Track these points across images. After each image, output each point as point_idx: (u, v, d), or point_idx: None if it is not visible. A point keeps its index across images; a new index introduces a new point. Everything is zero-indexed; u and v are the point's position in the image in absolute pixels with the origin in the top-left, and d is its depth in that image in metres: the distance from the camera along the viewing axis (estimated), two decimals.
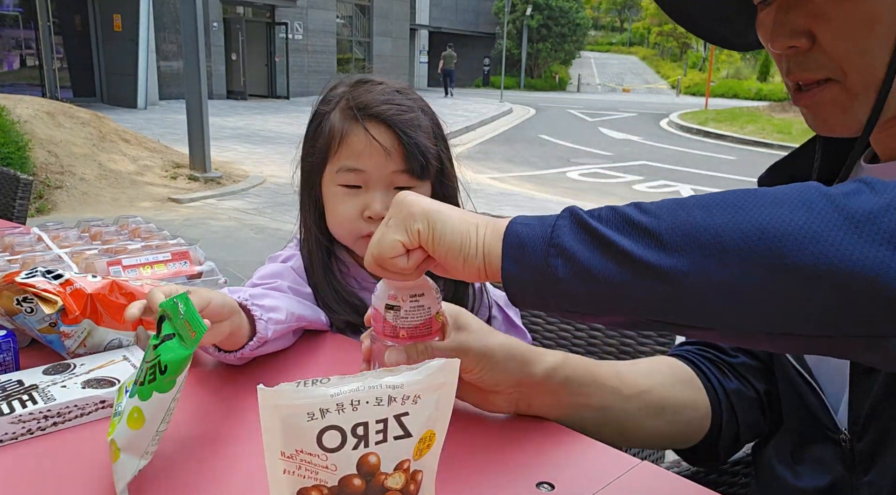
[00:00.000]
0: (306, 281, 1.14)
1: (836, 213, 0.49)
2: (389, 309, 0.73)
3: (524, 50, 32.96)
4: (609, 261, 0.54)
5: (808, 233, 0.49)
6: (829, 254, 0.48)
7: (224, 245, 5.34)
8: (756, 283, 0.50)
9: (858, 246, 0.47)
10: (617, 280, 0.54)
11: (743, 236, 0.50)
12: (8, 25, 14.16)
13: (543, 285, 0.58)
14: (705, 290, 0.51)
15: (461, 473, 0.74)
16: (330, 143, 1.08)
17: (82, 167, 6.97)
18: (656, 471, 0.76)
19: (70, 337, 0.96)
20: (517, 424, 0.86)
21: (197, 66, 7.39)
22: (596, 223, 0.56)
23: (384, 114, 1.04)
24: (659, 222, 0.54)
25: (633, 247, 0.53)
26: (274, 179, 8.08)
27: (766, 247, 0.49)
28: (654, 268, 0.52)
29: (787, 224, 0.50)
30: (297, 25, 19.86)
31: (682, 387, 0.89)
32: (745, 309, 0.51)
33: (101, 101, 15.08)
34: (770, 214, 0.50)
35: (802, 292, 0.49)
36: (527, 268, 0.59)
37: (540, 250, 0.58)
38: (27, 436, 0.80)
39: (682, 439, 0.91)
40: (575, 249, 0.56)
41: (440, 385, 0.57)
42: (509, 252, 0.60)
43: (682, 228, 0.53)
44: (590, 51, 49.27)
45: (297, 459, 0.53)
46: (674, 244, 0.52)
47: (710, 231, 0.52)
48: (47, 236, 1.45)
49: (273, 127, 12.81)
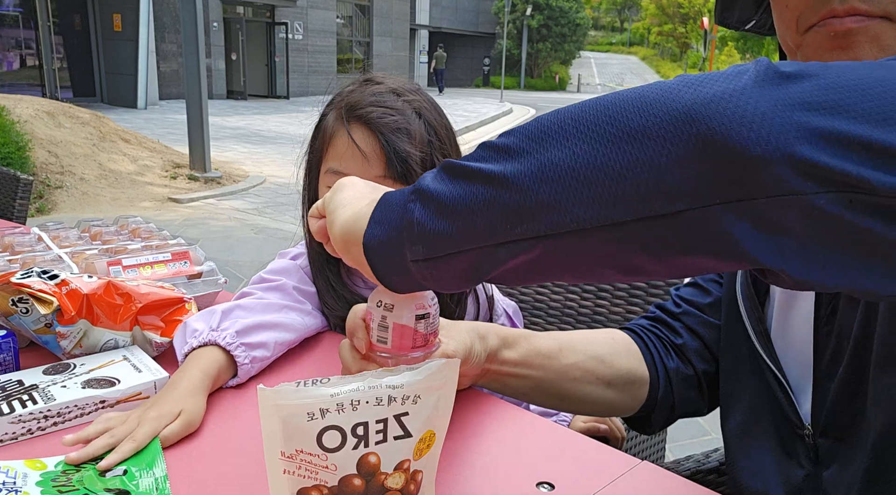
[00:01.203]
0: (312, 279, 1.14)
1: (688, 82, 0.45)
2: (420, 319, 0.73)
3: (524, 50, 32.97)
4: (463, 185, 0.52)
5: (658, 97, 0.44)
6: (679, 103, 0.43)
7: (224, 245, 5.34)
8: (603, 158, 0.45)
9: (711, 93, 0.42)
10: (469, 201, 0.51)
11: (592, 118, 0.47)
12: (8, 25, 14.16)
13: (402, 235, 0.55)
14: (553, 179, 0.47)
15: (461, 473, 0.74)
16: (323, 143, 1.08)
17: (82, 167, 6.97)
18: (656, 471, 0.76)
19: (66, 337, 0.96)
20: (517, 424, 0.86)
21: (197, 66, 7.39)
22: (459, 161, 0.54)
23: (367, 116, 1.03)
24: (512, 138, 0.51)
25: (485, 166, 0.51)
26: (274, 179, 8.08)
27: (610, 119, 0.46)
28: (501, 178, 0.49)
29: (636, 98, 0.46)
30: (297, 25, 19.86)
31: (623, 357, 0.94)
32: (593, 191, 0.46)
33: (101, 100, 15.09)
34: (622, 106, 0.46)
35: (656, 157, 0.43)
36: (386, 226, 0.56)
37: (401, 202, 0.56)
38: (27, 436, 0.80)
39: (618, 408, 0.96)
40: (433, 187, 0.54)
41: (440, 385, 0.57)
42: (374, 218, 0.58)
43: (532, 133, 0.50)
44: (590, 51, 49.31)
45: (297, 459, 0.53)
46: (521, 149, 0.50)
47: (555, 125, 0.49)
48: (47, 236, 1.45)
49: (273, 127, 12.81)
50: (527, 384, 0.90)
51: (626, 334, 0.99)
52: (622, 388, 0.94)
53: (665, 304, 1.02)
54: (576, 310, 1.46)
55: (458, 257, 0.53)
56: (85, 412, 0.83)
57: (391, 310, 0.72)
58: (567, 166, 0.47)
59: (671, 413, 0.97)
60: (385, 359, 0.74)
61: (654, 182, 0.44)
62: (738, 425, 0.88)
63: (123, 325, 1.00)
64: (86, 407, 0.83)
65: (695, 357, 0.96)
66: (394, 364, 0.73)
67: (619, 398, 0.94)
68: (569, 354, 0.92)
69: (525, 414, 0.89)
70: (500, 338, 0.88)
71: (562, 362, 0.91)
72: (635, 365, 0.95)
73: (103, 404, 0.85)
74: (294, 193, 1.19)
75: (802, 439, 0.78)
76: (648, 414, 0.96)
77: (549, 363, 0.90)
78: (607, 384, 0.93)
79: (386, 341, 0.73)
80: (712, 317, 0.95)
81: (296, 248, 1.19)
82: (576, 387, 0.91)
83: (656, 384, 0.95)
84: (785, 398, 0.79)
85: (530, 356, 0.90)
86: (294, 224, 1.20)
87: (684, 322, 0.97)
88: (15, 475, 0.68)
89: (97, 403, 0.84)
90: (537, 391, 0.91)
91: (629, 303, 1.38)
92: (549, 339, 0.93)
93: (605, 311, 1.41)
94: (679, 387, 0.96)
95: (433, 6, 29.18)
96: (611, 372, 0.93)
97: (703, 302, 0.97)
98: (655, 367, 0.95)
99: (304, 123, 1.15)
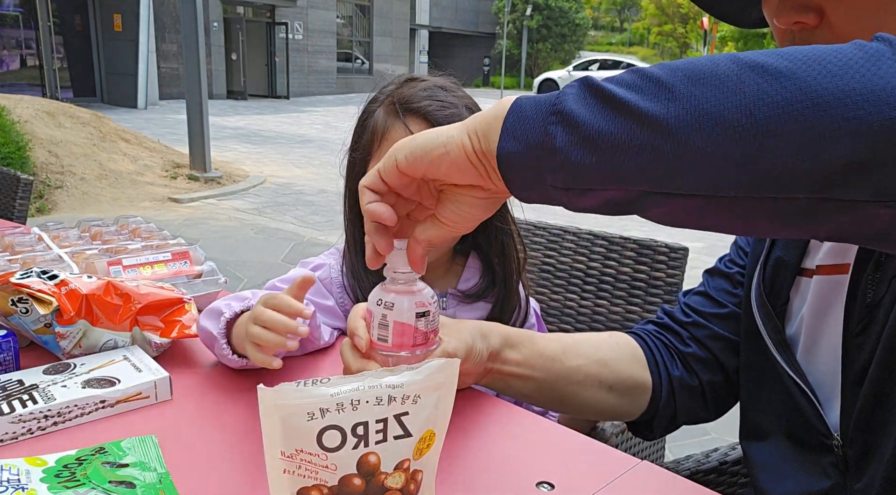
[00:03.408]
0: (332, 294, 1.13)
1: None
2: (420, 316, 0.73)
3: (524, 50, 32.95)
4: (612, 118, 0.48)
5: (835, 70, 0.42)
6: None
7: (224, 245, 5.34)
8: (786, 119, 0.42)
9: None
10: (619, 139, 0.47)
11: (766, 85, 0.43)
12: (8, 25, 14.16)
13: (541, 158, 0.51)
14: (718, 138, 0.44)
15: (461, 473, 0.74)
16: (373, 139, 1.08)
17: (82, 167, 6.97)
18: (656, 471, 0.76)
19: (65, 337, 0.96)
20: (517, 424, 0.86)
21: (197, 66, 7.39)
22: (607, 84, 0.49)
23: (424, 109, 1.04)
24: (673, 74, 0.47)
25: (639, 100, 0.47)
26: (274, 179, 8.07)
27: (795, 85, 0.43)
28: (656, 121, 0.46)
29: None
30: (297, 25, 19.86)
31: (626, 363, 0.93)
32: (767, 160, 0.43)
33: (102, 101, 15.09)
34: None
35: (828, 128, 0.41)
36: (524, 143, 0.52)
37: (540, 120, 0.51)
38: (27, 436, 0.80)
39: (620, 412, 0.95)
40: (577, 113, 0.49)
41: (440, 385, 0.57)
42: (508, 129, 0.53)
43: (693, 73, 0.46)
44: (589, 51, 49.23)
45: (297, 459, 0.53)
46: (679, 91, 0.46)
47: (731, 78, 0.45)
48: (47, 236, 1.45)
49: (273, 126, 12.80)
50: (529, 385, 0.90)
51: (632, 339, 0.98)
52: (624, 393, 0.93)
53: (673, 312, 1.00)
54: (575, 309, 1.46)
55: (601, 192, 0.50)
56: (85, 412, 0.83)
57: (391, 308, 0.72)
58: (738, 125, 0.43)
59: (672, 420, 0.96)
60: (385, 358, 0.74)
61: (834, 165, 0.42)
62: (758, 434, 0.87)
63: (123, 326, 1.00)
64: (86, 407, 0.83)
65: (701, 367, 0.95)
66: (394, 363, 0.73)
67: (620, 403, 0.94)
68: (572, 357, 0.91)
69: (525, 414, 0.89)
70: (503, 337, 0.88)
71: (565, 365, 0.90)
72: (638, 371, 0.94)
73: (103, 404, 0.85)
74: (294, 193, 1.19)
75: (831, 449, 0.76)
76: (650, 421, 0.96)
77: (551, 365, 0.90)
78: (609, 388, 0.92)
79: (386, 339, 0.73)
80: (723, 329, 0.94)
81: (318, 259, 1.18)
82: (577, 391, 0.91)
83: (659, 391, 0.94)
84: (810, 407, 0.78)
85: (533, 357, 0.89)
86: (294, 224, 1.19)
87: (692, 332, 0.96)
88: (18, 472, 0.68)
89: (97, 403, 0.84)
90: (539, 392, 0.91)
91: (629, 303, 1.38)
92: (552, 341, 0.93)
93: (605, 311, 1.41)
94: (682, 396, 0.95)
95: (433, 6, 29.18)
96: (613, 377, 0.92)
97: (713, 313, 0.95)
98: (659, 375, 0.94)
99: (304, 123, 1.15)
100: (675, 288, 1.34)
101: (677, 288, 1.34)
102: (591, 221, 1.67)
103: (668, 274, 1.34)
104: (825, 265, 0.79)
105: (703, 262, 1.09)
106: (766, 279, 0.85)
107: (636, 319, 1.37)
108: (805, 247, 0.83)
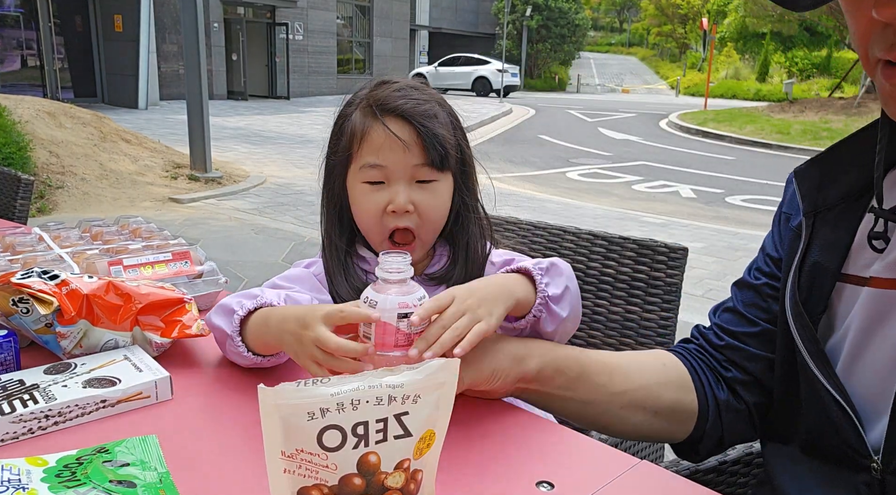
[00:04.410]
0: (326, 288, 1.14)
1: None
2: (402, 318, 0.75)
3: (524, 50, 32.91)
4: None
5: None
6: None
7: (224, 245, 5.34)
8: None
9: None
10: None
11: None
12: (9, 26, 14.16)
13: None
14: None
15: (461, 473, 0.74)
16: (352, 142, 1.10)
17: (83, 167, 6.97)
18: (656, 471, 0.76)
19: (66, 337, 0.96)
20: (517, 424, 0.86)
21: (197, 67, 7.39)
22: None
23: (401, 108, 1.06)
24: None
25: None
26: (274, 179, 8.07)
27: None
28: None
29: None
30: (297, 26, 19.86)
31: (673, 388, 0.91)
32: None
33: (102, 101, 15.09)
34: None
35: None
36: None
37: None
38: (28, 436, 0.80)
39: (664, 436, 0.94)
40: None
41: (440, 384, 0.57)
42: None
43: None
44: (589, 51, 49.25)
45: (297, 458, 0.53)
46: None
47: None
48: (48, 236, 1.45)
49: (273, 127, 12.79)
50: (570, 406, 0.89)
51: (678, 359, 0.95)
52: (670, 418, 0.91)
53: (707, 333, 0.96)
54: None
55: None
56: (86, 411, 0.84)
57: (375, 306, 0.74)
58: None
59: (720, 443, 0.94)
60: (372, 357, 0.76)
61: None
62: (782, 438, 0.85)
63: (123, 326, 1.00)
64: (87, 407, 0.84)
65: (744, 390, 0.91)
66: (377, 364, 0.75)
67: (665, 427, 0.92)
68: (619, 383, 0.90)
69: (525, 414, 0.89)
70: (545, 362, 0.88)
71: (610, 390, 0.89)
72: (684, 395, 0.91)
73: (104, 404, 0.85)
74: (294, 193, 1.20)
75: (867, 469, 0.72)
76: (695, 444, 0.93)
77: (596, 390, 0.89)
78: (655, 413, 0.90)
79: (370, 337, 0.75)
80: (759, 348, 0.89)
81: (311, 258, 1.21)
82: (623, 415, 0.90)
83: (705, 415, 0.91)
84: (848, 424, 0.74)
85: (577, 381, 0.88)
86: (294, 224, 1.20)
87: (728, 355, 0.92)
88: (19, 472, 0.68)
89: (98, 403, 0.84)
90: (581, 414, 0.90)
91: (628, 303, 1.38)
92: (599, 364, 0.91)
93: (605, 311, 1.41)
94: (728, 420, 0.92)
95: (433, 7, 29.18)
96: (659, 403, 0.90)
97: (745, 332, 0.91)
98: (706, 398, 0.91)
99: (305, 124, 1.16)
100: (675, 288, 1.34)
101: (677, 288, 1.34)
102: (590, 222, 1.67)
103: (668, 274, 1.34)
104: (881, 278, 0.74)
105: (703, 262, 1.09)
106: (801, 286, 0.80)
107: (636, 319, 1.37)
108: (846, 252, 0.78)
